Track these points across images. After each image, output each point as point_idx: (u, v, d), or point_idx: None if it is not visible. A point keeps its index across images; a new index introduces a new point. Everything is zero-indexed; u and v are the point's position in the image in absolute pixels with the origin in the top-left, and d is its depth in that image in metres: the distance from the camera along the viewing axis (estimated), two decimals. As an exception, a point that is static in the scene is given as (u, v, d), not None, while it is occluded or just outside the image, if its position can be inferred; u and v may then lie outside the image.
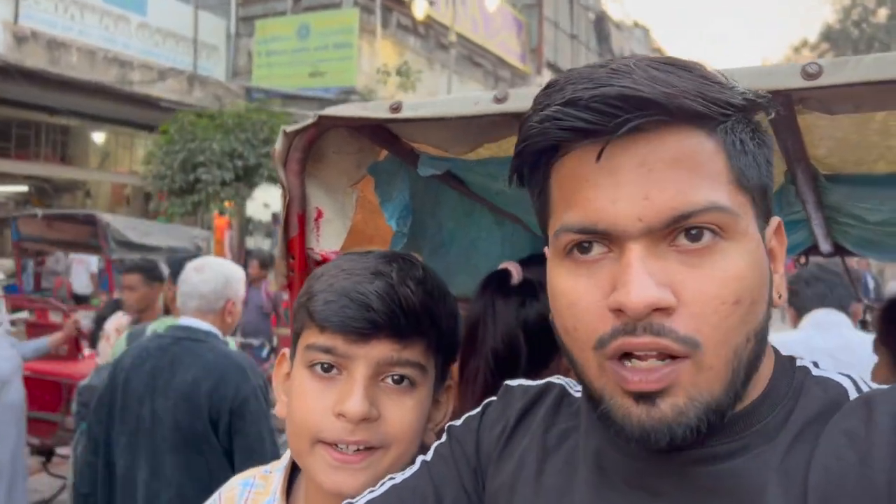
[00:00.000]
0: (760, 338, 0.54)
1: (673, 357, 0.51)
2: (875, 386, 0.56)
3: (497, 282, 1.12)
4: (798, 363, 0.60)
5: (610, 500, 0.59)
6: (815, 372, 0.59)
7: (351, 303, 0.76)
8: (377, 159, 1.03)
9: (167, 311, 3.35)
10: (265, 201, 12.39)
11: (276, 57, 13.15)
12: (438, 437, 0.76)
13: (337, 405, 0.77)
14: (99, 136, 12.95)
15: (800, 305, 2.19)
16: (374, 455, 0.78)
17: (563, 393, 0.70)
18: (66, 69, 10.18)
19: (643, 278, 0.50)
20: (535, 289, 1.07)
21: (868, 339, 1.94)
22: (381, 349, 0.77)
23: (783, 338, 2.06)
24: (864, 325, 1.55)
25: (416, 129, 0.92)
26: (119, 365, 2.22)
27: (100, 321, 4.29)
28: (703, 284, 0.51)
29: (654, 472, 0.57)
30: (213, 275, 2.31)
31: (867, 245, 1.17)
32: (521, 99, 0.77)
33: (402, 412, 0.79)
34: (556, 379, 0.73)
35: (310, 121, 0.90)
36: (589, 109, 0.50)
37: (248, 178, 10.66)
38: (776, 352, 0.60)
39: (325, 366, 0.79)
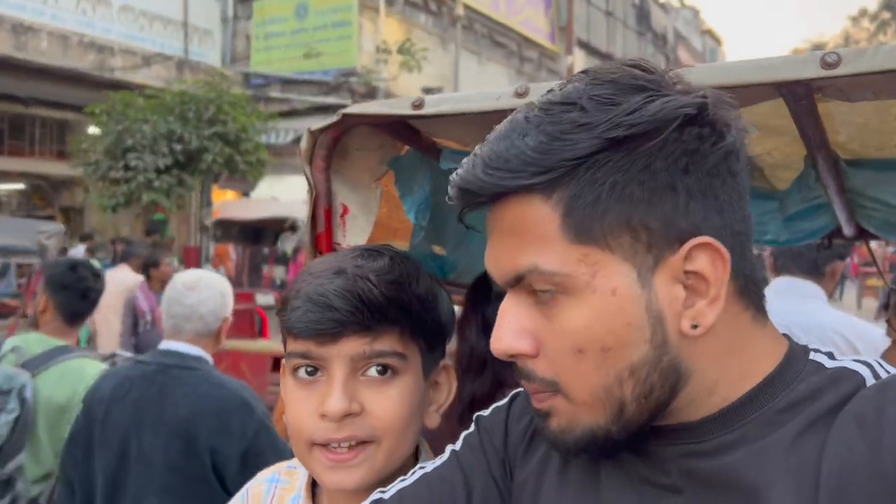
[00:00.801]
0: (649, 373, 0.59)
1: (546, 391, 0.63)
2: (893, 370, 0.58)
3: (481, 281, 1.25)
4: (812, 356, 0.62)
5: (628, 496, 0.65)
6: (828, 364, 0.61)
7: (314, 306, 0.83)
8: (398, 154, 1.12)
9: (36, 324, 2.76)
10: (273, 194, 12.17)
11: (274, 39, 13.18)
12: (468, 422, 0.82)
13: (320, 406, 0.84)
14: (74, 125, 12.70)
15: (779, 266, 2.28)
16: (367, 449, 0.85)
17: None
18: (34, 55, 9.92)
19: (503, 328, 0.62)
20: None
21: (827, 315, 2.07)
22: (352, 345, 0.83)
23: None
24: (886, 307, 1.61)
25: (438, 124, 1.00)
26: (95, 396, 2.05)
27: None
28: (551, 335, 0.61)
29: (662, 470, 0.63)
30: (210, 292, 2.13)
31: (891, 228, 1.24)
32: (542, 93, 0.84)
33: (385, 402, 0.85)
34: None
35: (334, 118, 0.99)
36: (455, 193, 0.62)
37: (190, 164, 9.98)
38: (790, 343, 0.64)
39: (309, 369, 0.86)
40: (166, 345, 2.11)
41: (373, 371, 0.86)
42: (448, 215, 1.26)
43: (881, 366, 0.60)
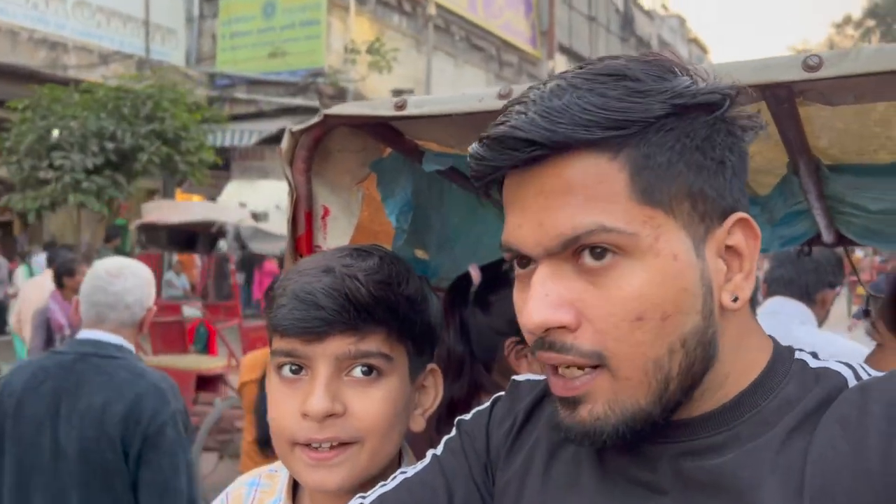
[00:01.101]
0: (694, 346, 0.60)
1: (586, 368, 0.60)
2: (875, 373, 0.61)
3: (459, 284, 1.28)
4: (797, 355, 0.65)
5: (612, 495, 0.65)
6: (812, 363, 0.64)
7: (300, 304, 0.84)
8: (381, 156, 1.13)
9: None
10: (242, 199, 11.96)
11: (240, 38, 13.10)
12: (445, 426, 0.84)
13: (302, 405, 0.85)
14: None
15: (771, 291, 2.34)
16: (350, 450, 0.86)
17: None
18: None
19: (538, 301, 0.59)
20: (487, 299, 1.22)
21: (816, 337, 2.12)
22: (338, 344, 0.84)
23: None
24: (866, 314, 1.69)
25: (420, 125, 1.01)
26: (6, 388, 1.99)
27: None
28: (603, 302, 0.58)
29: (650, 468, 0.64)
30: (136, 281, 2.10)
31: (870, 234, 1.29)
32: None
33: (369, 404, 0.86)
34: None
35: (315, 120, 1.00)
36: (490, 149, 0.60)
37: (125, 164, 9.56)
38: (774, 342, 0.67)
39: (293, 368, 0.87)
40: (86, 333, 2.07)
41: (358, 371, 0.87)
42: (431, 218, 1.28)
43: (863, 368, 0.63)
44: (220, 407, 5.07)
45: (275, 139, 10.99)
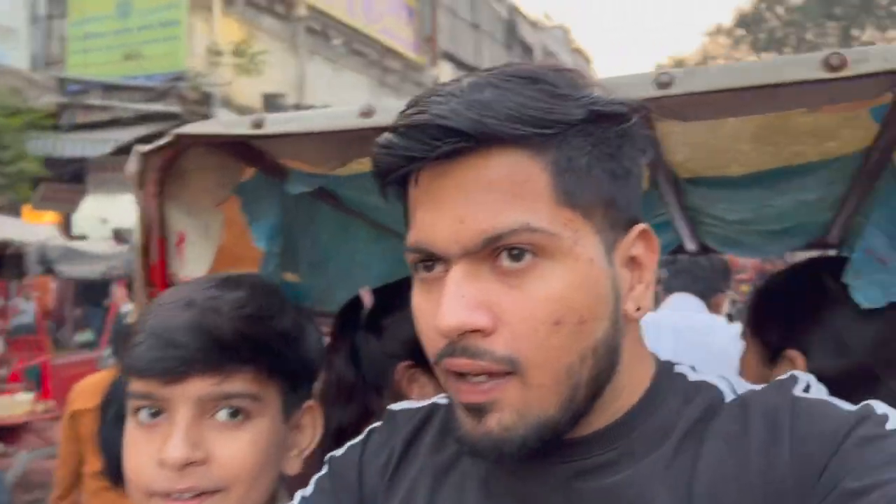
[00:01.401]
0: (603, 353, 0.60)
1: (497, 375, 0.58)
2: (749, 386, 0.64)
3: (350, 308, 1.27)
4: (676, 368, 0.67)
5: None
6: (692, 377, 0.66)
7: (157, 341, 0.79)
8: (243, 177, 1.09)
9: None
10: (103, 215, 11.09)
11: (93, 40, 12.33)
12: (314, 466, 0.80)
13: (158, 453, 0.79)
14: None
15: (668, 291, 2.60)
16: (213, 499, 0.81)
17: (450, 414, 0.74)
18: None
19: (454, 302, 0.57)
20: (379, 323, 1.22)
21: (715, 323, 2.38)
22: (199, 386, 0.79)
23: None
24: (729, 318, 1.85)
25: (282, 145, 0.98)
26: None
27: None
28: (522, 305, 0.57)
29: (541, 490, 0.63)
30: None
31: (729, 243, 1.39)
32: (389, 113, 0.82)
33: (235, 449, 0.81)
34: (441, 398, 0.78)
35: (166, 139, 0.95)
36: (407, 138, 0.57)
37: None
38: (656, 358, 0.68)
39: (152, 411, 0.81)
40: None
41: (223, 414, 0.82)
42: (301, 240, 1.25)
43: (738, 381, 0.67)
44: (24, 460, 4.57)
45: (132, 148, 10.32)
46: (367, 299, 1.26)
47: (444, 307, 0.57)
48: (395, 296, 1.19)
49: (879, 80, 0.77)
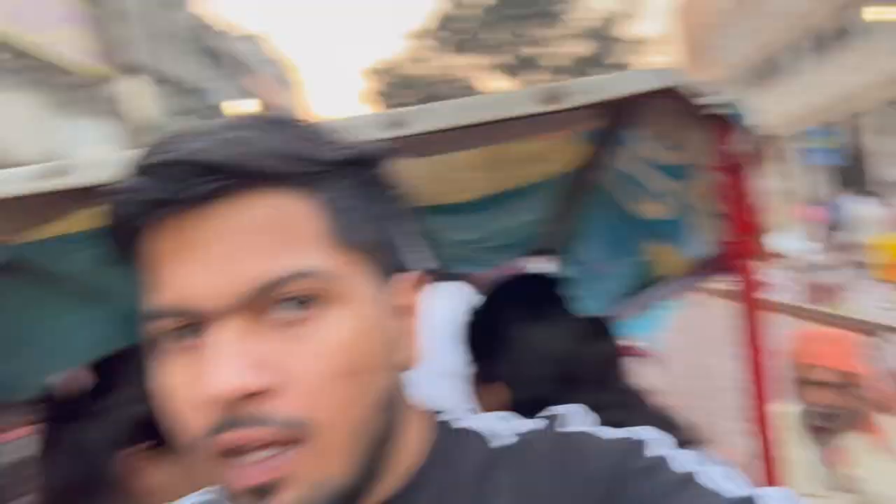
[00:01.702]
0: (388, 406, 0.57)
1: (285, 444, 0.52)
2: (516, 429, 0.65)
3: (53, 397, 1.10)
4: (440, 417, 0.66)
5: None
6: (454, 424, 0.66)
7: None
8: None
9: None
10: None
11: None
12: None
13: None
14: None
15: None
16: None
17: None
18: None
19: (230, 362, 0.50)
20: (92, 408, 1.07)
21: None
22: None
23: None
24: None
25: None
26: None
27: None
28: (308, 359, 0.52)
29: None
30: None
31: (462, 261, 1.48)
32: (86, 171, 0.76)
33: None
34: (197, 497, 0.69)
35: None
36: (156, 178, 0.50)
37: None
38: (428, 408, 0.66)
39: None
40: None
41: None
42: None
43: (499, 422, 0.67)
44: None
45: None
46: (82, 380, 1.09)
47: (219, 370, 0.50)
48: (114, 372, 1.06)
49: (586, 110, 0.87)
